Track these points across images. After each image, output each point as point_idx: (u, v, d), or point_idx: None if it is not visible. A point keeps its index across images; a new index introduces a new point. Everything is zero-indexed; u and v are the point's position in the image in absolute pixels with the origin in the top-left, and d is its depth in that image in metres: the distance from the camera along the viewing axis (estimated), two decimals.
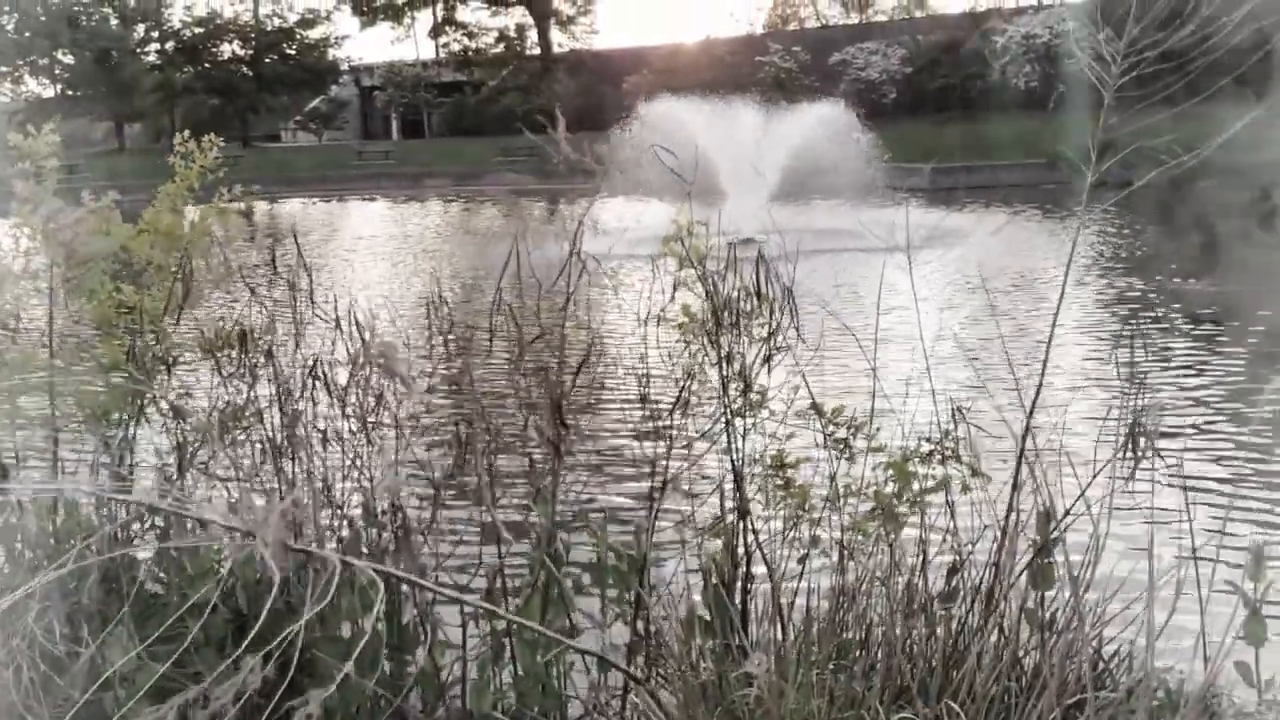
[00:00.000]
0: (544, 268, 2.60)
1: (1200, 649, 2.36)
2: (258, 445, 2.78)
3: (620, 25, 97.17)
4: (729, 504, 2.46)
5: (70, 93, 55.65)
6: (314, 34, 55.89)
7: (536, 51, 58.11)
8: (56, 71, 54.87)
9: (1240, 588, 2.38)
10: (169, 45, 55.05)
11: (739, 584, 2.45)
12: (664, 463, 2.36)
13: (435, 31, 59.41)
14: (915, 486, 2.40)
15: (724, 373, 2.26)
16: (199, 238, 2.98)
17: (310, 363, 2.55)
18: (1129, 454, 2.23)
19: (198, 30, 54.43)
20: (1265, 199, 18.48)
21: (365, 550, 2.65)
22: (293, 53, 54.94)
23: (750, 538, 2.47)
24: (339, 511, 2.67)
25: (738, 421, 2.33)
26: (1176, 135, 3.71)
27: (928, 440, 2.61)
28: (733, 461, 2.37)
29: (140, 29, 55.50)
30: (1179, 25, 3.00)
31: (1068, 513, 2.34)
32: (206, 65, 53.95)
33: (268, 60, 53.83)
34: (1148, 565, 2.09)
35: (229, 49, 55.24)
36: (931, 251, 14.98)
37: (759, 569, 2.54)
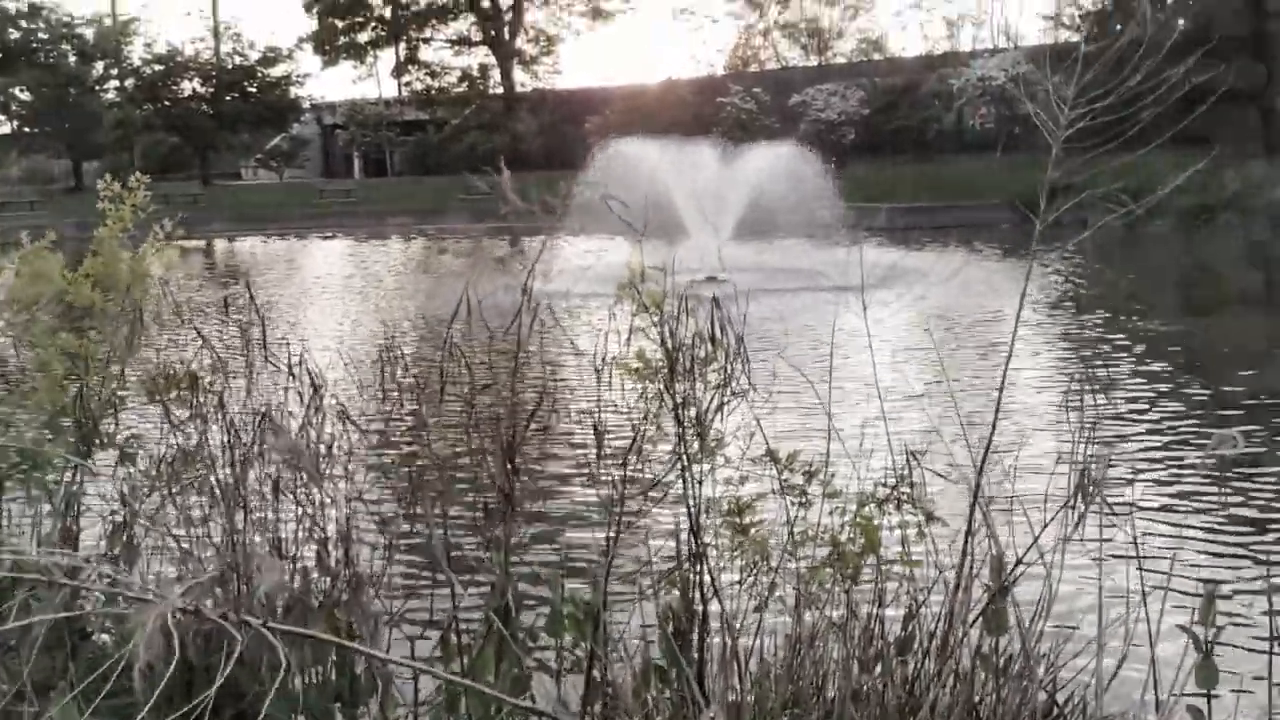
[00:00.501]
0: (498, 311, 2.60)
1: (1153, 693, 2.37)
2: (207, 494, 2.74)
3: (583, 66, 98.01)
4: (685, 551, 2.45)
5: (28, 129, 55.22)
6: (275, 72, 55.84)
7: (500, 91, 58.40)
8: (13, 108, 54.43)
9: (1191, 630, 2.40)
10: (128, 82, 54.77)
11: (695, 633, 2.43)
12: (619, 510, 2.35)
13: (398, 70, 59.56)
14: (872, 534, 2.40)
15: (680, 418, 2.26)
16: (139, 281, 2.94)
17: (261, 412, 2.52)
18: (1079, 501, 2.25)
19: (158, 68, 54.20)
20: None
21: (317, 601, 2.61)
22: (254, 91, 54.82)
23: (707, 586, 2.45)
24: (289, 562, 2.62)
25: (694, 468, 2.33)
26: (1128, 178, 3.78)
27: (884, 485, 2.61)
28: (689, 508, 2.36)
29: (99, 65, 55.22)
30: (1128, 73, 3.06)
31: (1019, 561, 2.35)
32: (166, 103, 53.69)
33: (228, 98, 53.66)
34: (1098, 611, 2.10)
35: (189, 86, 55.02)
36: (890, 290, 15.12)
37: (716, 616, 2.53)
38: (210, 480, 2.75)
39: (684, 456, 2.26)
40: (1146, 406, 8.37)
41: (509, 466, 2.13)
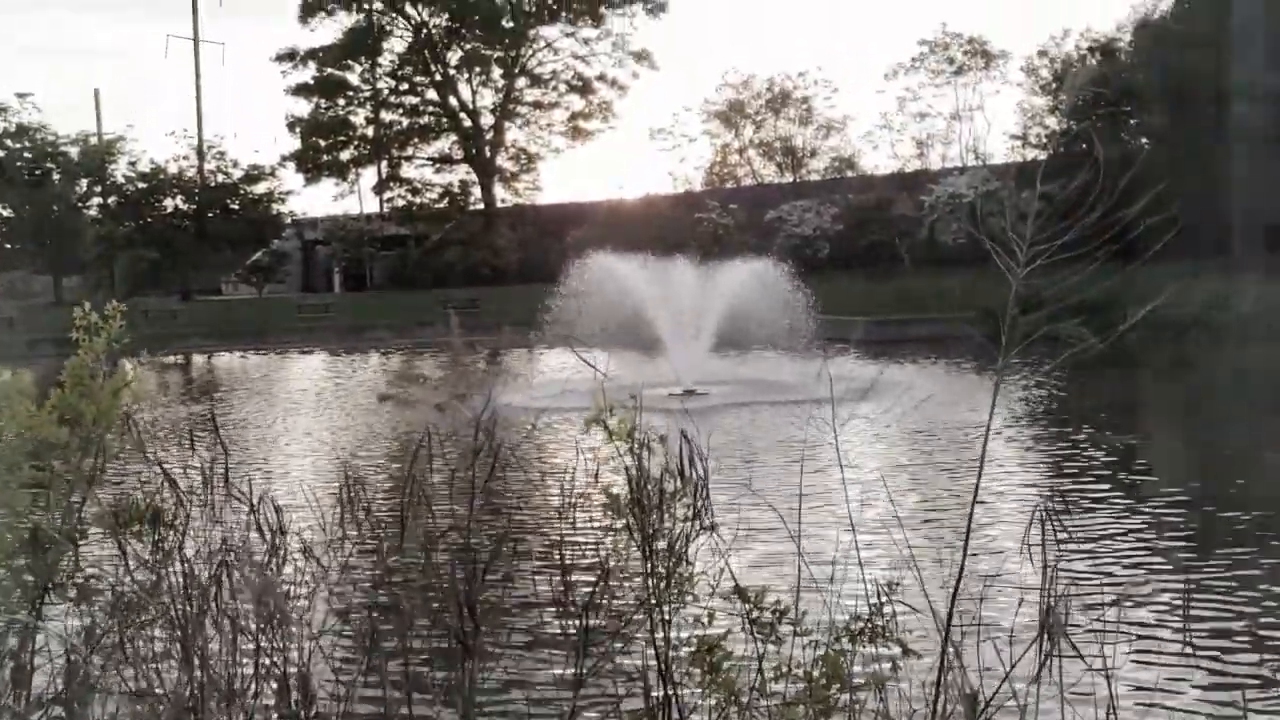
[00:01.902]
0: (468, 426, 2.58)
1: None
2: (166, 633, 2.67)
3: (564, 182, 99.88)
4: (655, 692, 2.40)
5: (9, 245, 55.51)
6: (258, 189, 56.55)
7: (480, 206, 59.27)
8: None
9: None
10: (111, 199, 55.31)
11: None
12: (587, 649, 2.30)
13: (379, 187, 60.45)
14: (838, 668, 2.36)
15: (647, 556, 2.23)
16: (105, 415, 2.91)
17: (221, 551, 2.48)
18: (1046, 638, 2.22)
19: (141, 185, 54.83)
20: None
21: None
22: (236, 208, 55.43)
23: None
24: (244, 707, 2.55)
25: (663, 607, 2.29)
26: (1099, 292, 3.84)
27: (858, 618, 2.58)
28: (656, 649, 2.32)
29: (84, 183, 55.84)
30: (1098, 193, 3.14)
31: (989, 701, 2.31)
32: (148, 219, 54.16)
33: (210, 215, 54.20)
34: None
35: (172, 203, 55.58)
36: (872, 404, 15.18)
37: None
38: (168, 618, 2.68)
39: (651, 595, 2.23)
40: (1118, 527, 8.36)
41: (468, 613, 2.09)
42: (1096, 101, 38.32)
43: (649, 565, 2.18)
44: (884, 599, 2.56)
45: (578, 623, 2.22)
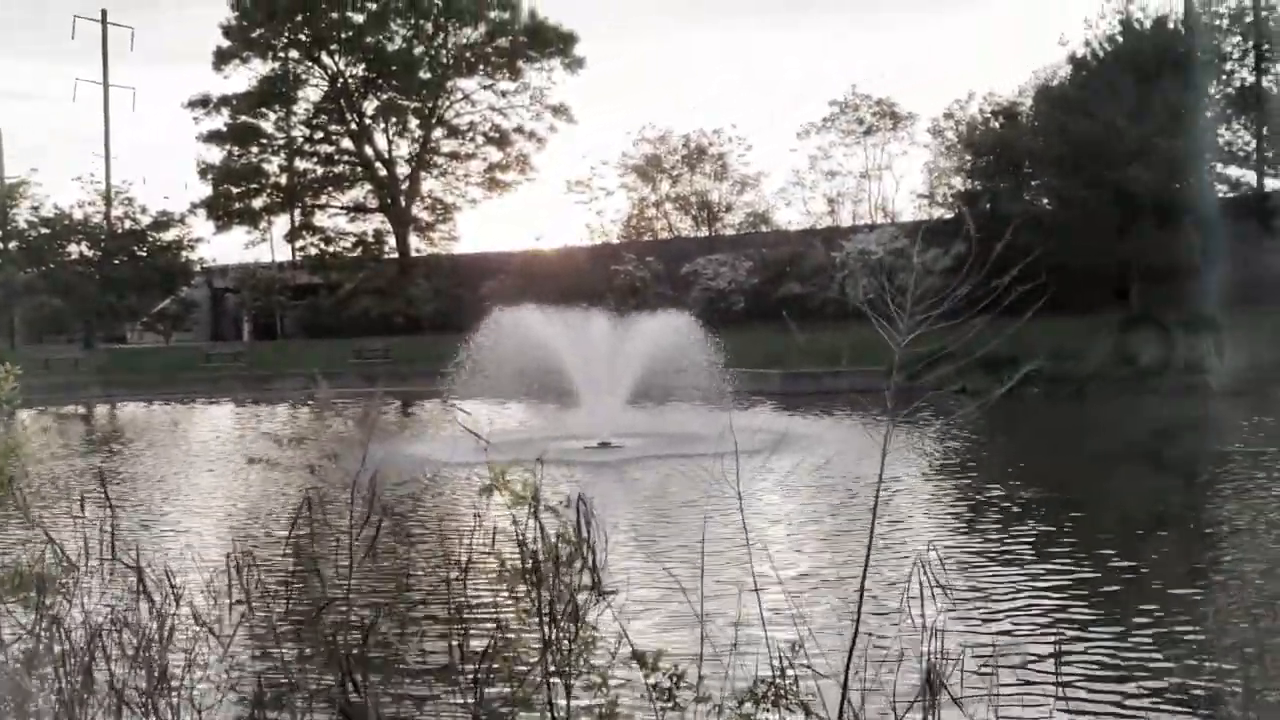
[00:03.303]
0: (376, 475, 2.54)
1: None
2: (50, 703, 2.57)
3: (480, 232, 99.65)
4: None
5: None
6: (167, 236, 55.42)
7: (395, 256, 58.82)
8: None
9: None
10: (12, 244, 53.70)
11: None
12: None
13: (292, 235, 59.68)
14: None
15: (543, 624, 2.22)
16: None
17: (100, 624, 2.40)
18: (926, 697, 2.25)
19: (44, 230, 53.36)
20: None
21: None
22: (144, 254, 54.21)
23: None
24: None
25: (560, 674, 2.27)
26: (1002, 346, 3.95)
27: (762, 681, 2.59)
28: (555, 718, 2.30)
29: None
30: (1000, 252, 3.24)
31: None
32: (51, 265, 52.67)
33: (117, 261, 52.92)
34: None
35: (77, 249, 54.14)
36: (781, 458, 15.31)
37: None
38: (52, 688, 2.58)
39: (547, 662, 2.21)
40: (1013, 585, 8.53)
41: (352, 685, 2.05)
42: (999, 162, 39.62)
43: (546, 633, 2.16)
44: (786, 662, 2.58)
45: (473, 693, 2.19)
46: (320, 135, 59.75)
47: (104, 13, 59.68)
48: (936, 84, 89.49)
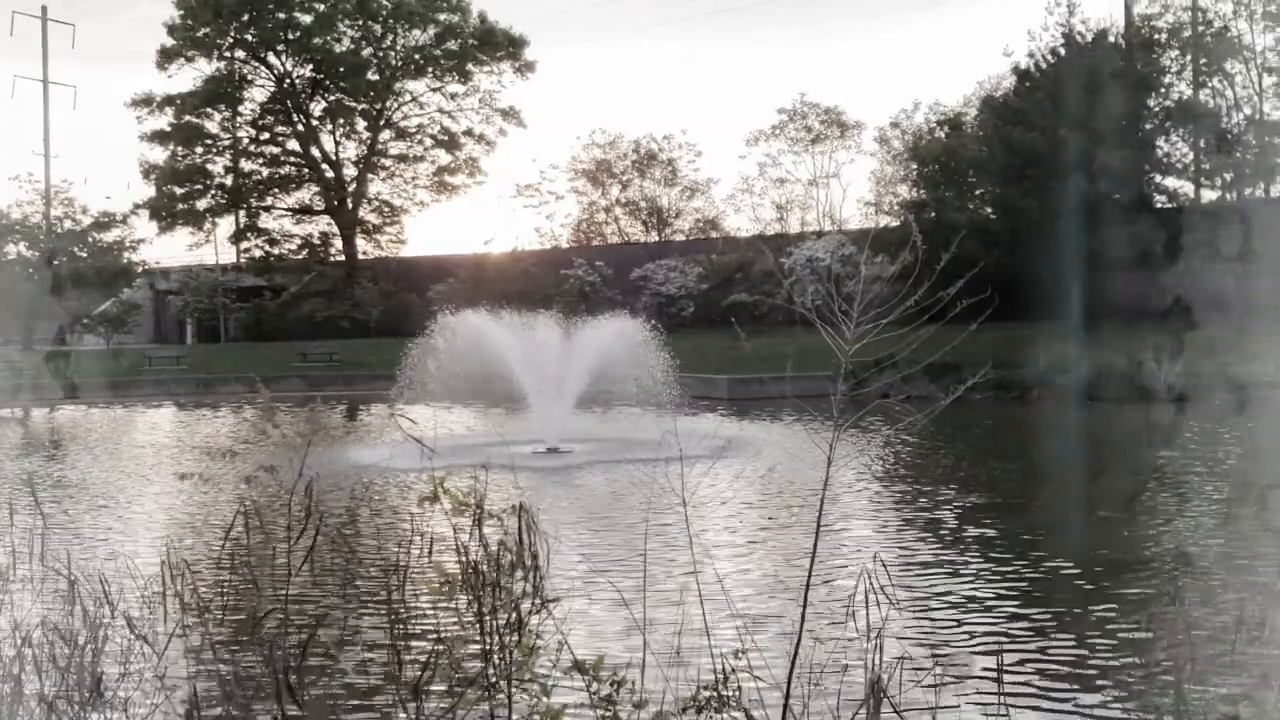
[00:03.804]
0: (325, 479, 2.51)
1: None
2: None
3: (429, 236, 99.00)
4: None
5: None
6: (108, 237, 54.44)
7: (341, 258, 58.29)
8: None
9: None
10: None
11: None
12: None
13: (237, 237, 58.92)
14: None
15: (486, 635, 2.20)
16: None
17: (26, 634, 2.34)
18: (869, 706, 2.27)
19: None
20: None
21: None
22: (84, 255, 53.20)
23: None
24: None
25: (502, 684, 2.25)
26: (948, 352, 3.99)
27: (705, 688, 2.59)
28: None
29: None
30: (945, 262, 3.28)
31: None
32: None
33: (56, 262, 51.89)
34: None
35: (14, 250, 52.98)
36: (728, 463, 15.36)
37: None
38: None
39: (489, 672, 2.20)
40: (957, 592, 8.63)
41: (289, 696, 2.02)
42: (944, 171, 40.13)
43: (486, 642, 2.15)
44: (729, 669, 2.58)
45: (413, 703, 2.17)
46: (266, 136, 59.10)
47: (44, 9, 58.58)
48: (884, 93, 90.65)
